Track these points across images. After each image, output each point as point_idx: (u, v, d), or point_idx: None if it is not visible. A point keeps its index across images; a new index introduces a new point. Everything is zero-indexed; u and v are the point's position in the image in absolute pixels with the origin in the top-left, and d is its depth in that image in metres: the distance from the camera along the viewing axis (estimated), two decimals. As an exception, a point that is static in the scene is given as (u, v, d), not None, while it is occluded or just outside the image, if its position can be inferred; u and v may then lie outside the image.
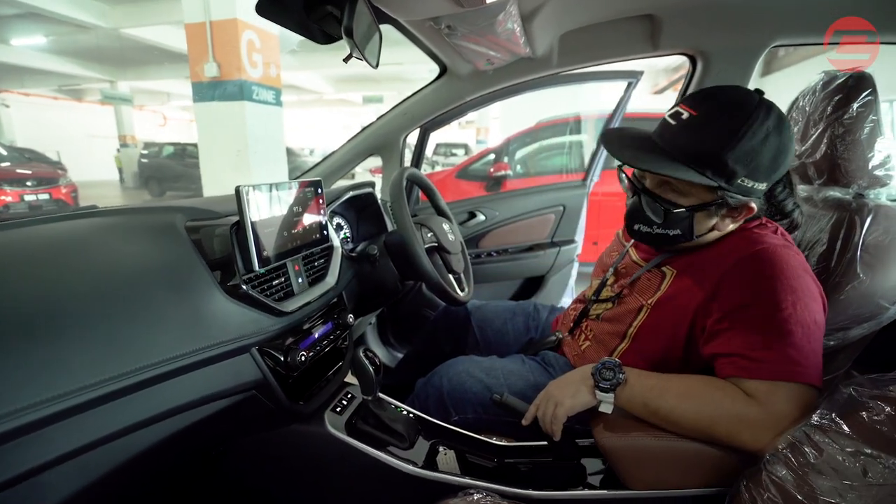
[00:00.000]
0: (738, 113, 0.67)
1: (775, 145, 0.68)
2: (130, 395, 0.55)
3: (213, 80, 3.74)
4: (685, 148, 0.70)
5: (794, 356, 0.65)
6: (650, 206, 0.77)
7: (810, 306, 0.67)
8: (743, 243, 0.75)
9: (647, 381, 0.73)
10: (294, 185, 0.89)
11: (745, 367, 0.67)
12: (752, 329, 0.68)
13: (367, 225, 1.51)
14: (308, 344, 0.89)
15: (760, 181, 0.70)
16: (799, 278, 0.69)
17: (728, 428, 0.66)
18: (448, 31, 0.94)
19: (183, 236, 0.74)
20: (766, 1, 1.13)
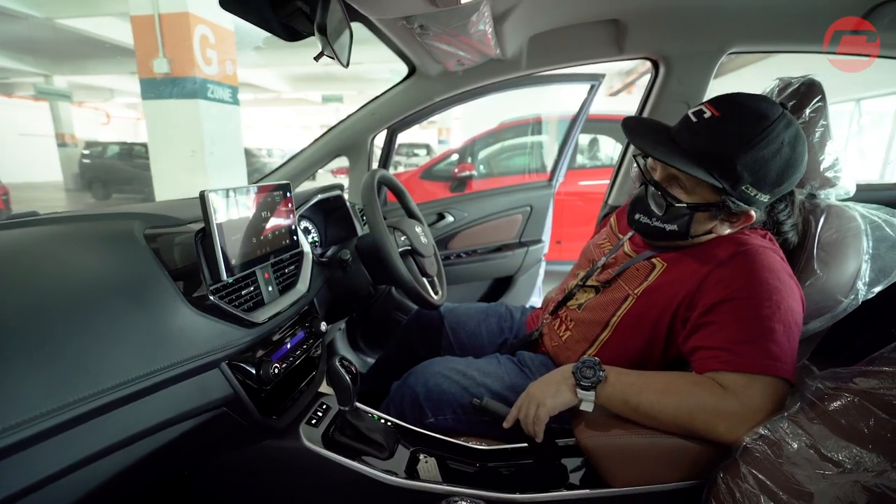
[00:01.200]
0: (759, 121, 0.69)
1: (785, 159, 0.70)
2: (88, 422, 0.50)
3: (163, 77, 3.53)
4: (699, 146, 0.72)
5: (775, 351, 0.67)
6: (654, 198, 0.79)
7: (792, 306, 0.70)
8: (731, 242, 0.78)
9: (626, 379, 0.74)
10: (261, 188, 0.85)
11: (727, 360, 0.69)
12: (734, 324, 0.70)
13: (336, 228, 1.47)
14: (281, 355, 0.85)
15: (764, 192, 0.72)
16: (782, 279, 0.72)
17: (706, 421, 0.68)
18: (420, 31, 0.92)
19: (142, 245, 0.68)
20: (723, 11, 1.18)
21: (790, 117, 0.72)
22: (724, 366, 0.69)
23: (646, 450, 0.76)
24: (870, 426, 0.57)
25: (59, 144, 12.13)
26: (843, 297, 0.86)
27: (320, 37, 0.72)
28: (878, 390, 0.58)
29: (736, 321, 0.70)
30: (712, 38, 1.26)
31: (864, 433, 0.57)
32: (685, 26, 1.23)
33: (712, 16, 1.20)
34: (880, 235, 0.89)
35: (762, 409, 0.66)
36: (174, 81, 3.51)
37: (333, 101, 16.32)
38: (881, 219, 0.90)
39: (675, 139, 0.75)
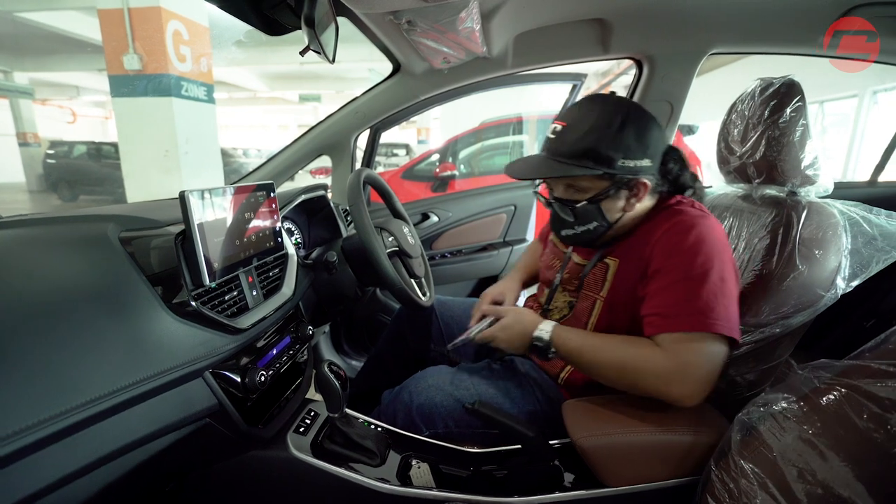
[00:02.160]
0: (595, 112, 0.79)
1: (634, 128, 0.78)
2: (60, 441, 0.47)
3: (134, 74, 3.39)
4: (566, 152, 0.80)
5: (701, 307, 0.71)
6: (562, 210, 0.86)
7: (720, 267, 0.74)
8: (665, 218, 0.82)
9: (571, 345, 0.82)
10: (243, 188, 0.82)
11: (659, 324, 0.75)
12: (666, 289, 0.76)
13: (320, 229, 1.44)
14: (267, 361, 0.82)
15: (640, 158, 0.79)
16: (711, 243, 0.76)
17: (636, 377, 0.75)
18: (408, 27, 0.90)
19: (117, 249, 0.64)
20: (704, 13, 1.20)
21: (618, 98, 0.82)
22: (658, 329, 0.75)
23: (640, 448, 0.76)
24: (862, 419, 0.58)
25: (21, 144, 11.55)
26: (823, 291, 0.88)
27: (307, 30, 0.69)
28: (868, 384, 0.59)
29: (668, 286, 0.76)
30: (695, 39, 1.28)
31: (857, 426, 0.58)
32: (669, 27, 1.25)
33: (695, 17, 1.21)
34: (858, 231, 0.92)
35: (694, 364, 0.71)
36: (146, 78, 3.38)
37: (311, 101, 16.09)
38: (859, 215, 0.93)
39: (549, 157, 0.83)
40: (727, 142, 1.09)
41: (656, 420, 0.79)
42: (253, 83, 14.67)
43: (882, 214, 0.92)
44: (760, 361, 0.91)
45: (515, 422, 0.80)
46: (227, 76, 13.15)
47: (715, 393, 0.92)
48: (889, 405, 0.57)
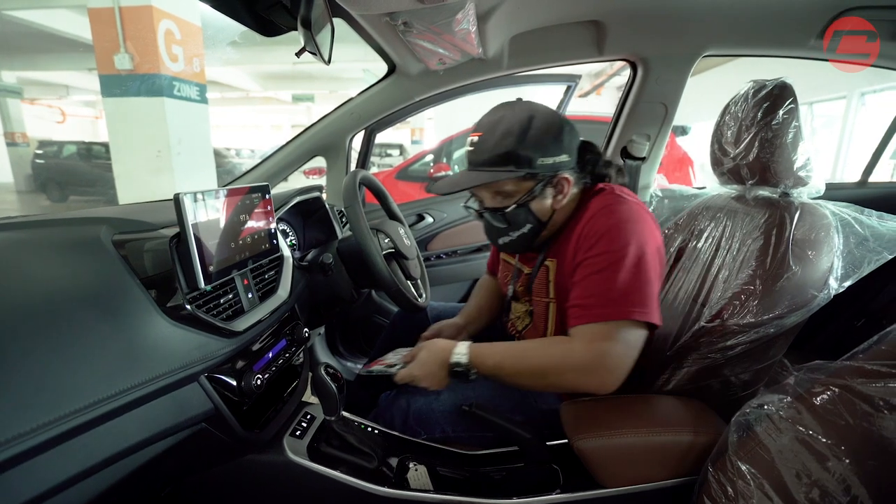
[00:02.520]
0: (507, 117, 0.81)
1: (546, 126, 0.80)
2: (52, 449, 0.46)
3: (125, 73, 3.35)
4: (486, 160, 0.81)
5: (616, 297, 0.73)
6: (494, 218, 0.87)
7: (637, 250, 0.75)
8: (587, 210, 0.84)
9: (491, 360, 0.81)
10: (238, 190, 0.81)
11: (578, 315, 0.76)
12: (584, 280, 0.77)
13: (315, 231, 1.43)
14: (262, 365, 0.81)
15: (557, 154, 0.80)
16: (627, 225, 0.77)
17: (558, 374, 0.75)
18: (404, 28, 0.90)
19: (110, 252, 0.63)
20: (698, 15, 1.21)
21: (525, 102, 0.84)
22: (577, 320, 0.76)
23: (637, 449, 0.76)
24: (856, 419, 0.59)
25: (9, 143, 11.37)
26: (816, 292, 0.89)
27: (303, 31, 0.68)
28: (862, 384, 0.60)
29: (586, 277, 0.77)
30: (688, 41, 1.29)
31: (851, 425, 0.59)
32: (663, 28, 1.26)
33: (689, 19, 1.22)
34: (850, 232, 0.93)
35: (610, 353, 0.72)
36: (137, 78, 3.33)
37: (304, 101, 16.00)
38: (850, 216, 0.94)
39: (472, 169, 0.85)
40: (720, 143, 1.10)
41: (653, 421, 0.79)
42: (246, 83, 14.57)
43: (873, 215, 0.93)
44: (755, 361, 0.92)
45: (513, 423, 0.81)
46: (219, 76, 13.05)
47: (709, 393, 0.93)
48: (882, 405, 0.58)
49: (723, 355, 0.89)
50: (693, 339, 0.94)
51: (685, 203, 1.32)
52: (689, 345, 0.94)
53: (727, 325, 0.90)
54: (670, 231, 1.25)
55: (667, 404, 0.85)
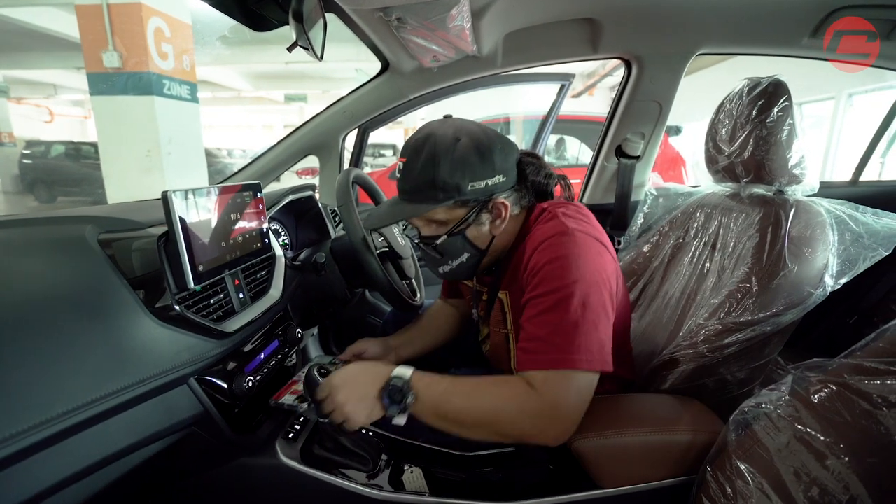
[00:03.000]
0: (430, 141, 0.73)
1: (474, 148, 0.73)
2: (36, 454, 0.44)
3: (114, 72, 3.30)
4: (411, 189, 0.76)
5: (561, 343, 0.66)
6: (430, 251, 0.81)
7: (583, 291, 0.68)
8: (530, 239, 0.76)
9: (437, 388, 0.71)
10: (228, 188, 0.79)
11: (524, 360, 0.69)
12: (531, 322, 0.70)
13: (307, 230, 1.41)
14: (254, 367, 0.80)
15: (489, 177, 0.74)
16: (571, 262, 0.69)
17: (512, 421, 0.67)
18: (398, 24, 0.89)
19: (96, 251, 0.62)
20: (693, 13, 1.21)
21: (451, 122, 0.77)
22: (523, 366, 0.69)
23: (635, 449, 0.76)
24: (854, 416, 0.58)
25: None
26: (812, 289, 0.89)
27: (295, 25, 0.67)
28: (860, 381, 0.59)
29: (533, 318, 0.70)
30: (683, 39, 1.29)
31: (850, 423, 0.58)
32: (657, 26, 1.25)
33: (683, 17, 1.22)
34: (845, 229, 0.93)
35: (563, 404, 0.66)
36: (126, 76, 3.28)
37: (297, 101, 15.92)
38: (845, 213, 0.94)
39: (403, 198, 0.79)
40: (715, 141, 1.10)
41: (651, 420, 0.79)
42: (237, 82, 14.46)
43: (868, 212, 0.93)
44: (751, 360, 0.92)
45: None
46: (210, 75, 12.93)
47: (705, 392, 0.93)
48: (881, 402, 0.58)
49: (720, 354, 0.89)
50: (689, 337, 0.94)
51: (680, 201, 1.32)
52: (685, 343, 0.94)
53: (724, 323, 0.90)
54: (664, 229, 1.25)
55: (664, 404, 0.85)
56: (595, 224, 0.79)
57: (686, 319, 1.03)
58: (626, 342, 0.94)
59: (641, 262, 1.27)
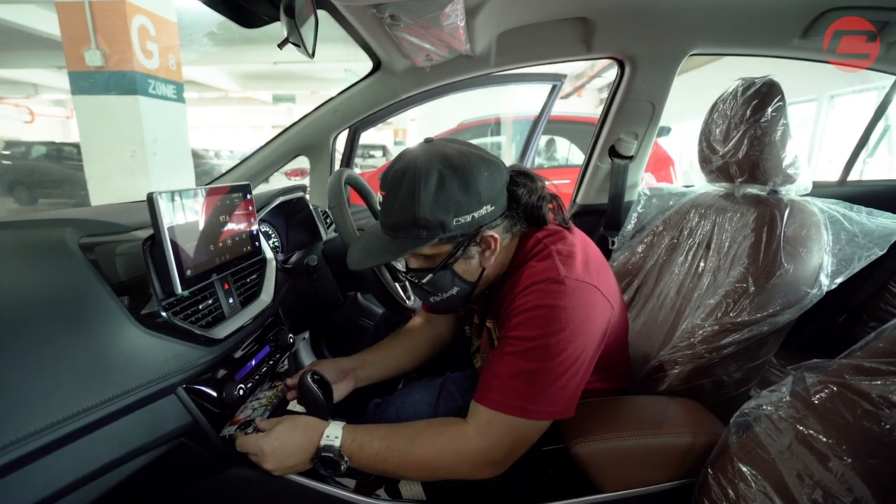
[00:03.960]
0: (409, 175, 0.67)
1: (457, 181, 0.67)
2: (14, 472, 0.42)
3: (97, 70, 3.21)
4: (393, 225, 0.71)
5: (518, 388, 0.65)
6: (417, 285, 0.77)
7: (567, 343, 0.65)
8: (524, 279, 0.72)
9: (370, 449, 0.70)
10: (217, 189, 0.77)
11: (481, 394, 0.69)
12: (499, 359, 0.69)
13: (298, 233, 1.39)
14: (245, 373, 0.78)
15: (476, 209, 0.68)
16: (562, 318, 0.66)
17: (449, 467, 0.68)
18: (391, 22, 0.87)
19: (77, 256, 0.59)
20: (685, 12, 1.21)
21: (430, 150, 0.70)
22: (479, 399, 0.69)
23: (635, 452, 0.75)
24: (856, 416, 0.58)
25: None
26: (809, 288, 0.89)
27: (286, 20, 0.65)
28: (860, 381, 0.59)
29: (500, 357, 0.69)
30: (675, 39, 1.29)
31: (851, 424, 0.58)
32: (650, 26, 1.25)
33: (676, 17, 1.22)
34: (840, 229, 0.93)
35: (501, 447, 0.66)
36: (110, 76, 3.20)
37: (285, 101, 15.79)
38: (839, 213, 0.95)
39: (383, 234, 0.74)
40: (709, 141, 1.09)
41: (650, 424, 0.78)
42: (224, 83, 14.28)
43: (863, 212, 0.93)
44: (748, 360, 0.92)
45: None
46: (197, 75, 12.75)
47: (702, 393, 0.92)
48: (882, 402, 0.57)
49: (717, 354, 0.89)
50: (686, 338, 0.93)
51: (673, 201, 1.32)
52: (682, 344, 0.93)
53: (721, 323, 0.89)
54: (658, 229, 1.25)
55: (663, 406, 0.84)
56: (592, 258, 0.75)
57: (682, 320, 1.02)
58: (625, 351, 0.93)
59: (635, 263, 1.27)
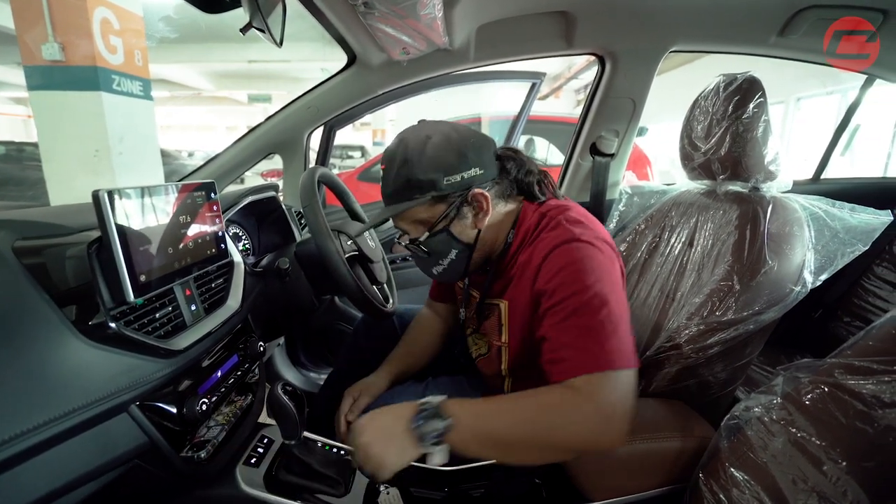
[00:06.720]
0: (403, 144, 0.75)
1: (445, 144, 0.73)
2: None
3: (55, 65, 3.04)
4: (391, 192, 0.77)
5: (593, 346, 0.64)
6: (417, 250, 0.81)
7: (602, 291, 0.66)
8: (540, 242, 0.74)
9: (475, 410, 0.66)
10: (177, 188, 0.71)
11: (559, 369, 0.65)
12: (555, 328, 0.67)
13: (271, 234, 1.32)
14: (209, 386, 0.72)
15: (465, 170, 0.74)
16: (589, 263, 0.68)
17: (566, 432, 0.62)
18: (364, 10, 0.82)
19: (9, 261, 0.52)
20: (665, 10, 1.20)
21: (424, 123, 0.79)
22: (561, 375, 0.65)
23: (623, 458, 0.72)
24: (848, 417, 0.56)
25: (-76, 145, 10.30)
26: (793, 286, 0.88)
27: (248, 4, 0.60)
28: (852, 381, 0.57)
29: (554, 326, 0.67)
30: (656, 35, 1.28)
31: (844, 425, 0.56)
32: (631, 22, 1.24)
33: (656, 13, 1.21)
34: (823, 225, 0.93)
35: (615, 404, 0.62)
36: (69, 71, 3.02)
37: (261, 101, 15.49)
38: (821, 209, 0.95)
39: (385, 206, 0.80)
40: (690, 138, 1.08)
41: (638, 428, 0.75)
42: (198, 81, 13.90)
43: (845, 208, 0.93)
44: (733, 360, 0.90)
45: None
46: (168, 73, 12.37)
47: (687, 394, 0.91)
48: (874, 402, 0.56)
49: (703, 354, 0.87)
50: (672, 338, 0.91)
51: (654, 199, 1.31)
52: (667, 345, 0.91)
53: (707, 322, 0.88)
54: (640, 228, 1.24)
55: (650, 409, 0.82)
56: (597, 225, 0.78)
57: (666, 320, 1.00)
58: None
59: (619, 262, 1.25)
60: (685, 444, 0.72)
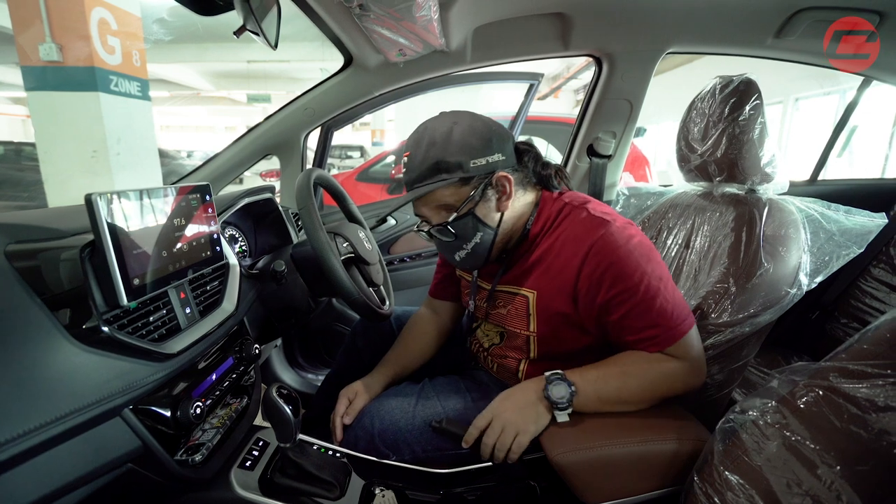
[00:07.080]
0: (429, 130, 0.79)
1: (470, 130, 0.78)
2: None
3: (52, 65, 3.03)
4: (417, 177, 0.80)
5: (677, 317, 0.76)
6: (442, 234, 0.83)
7: (651, 270, 0.75)
8: (569, 239, 0.79)
9: (590, 376, 0.77)
10: (172, 190, 0.71)
11: (651, 345, 0.77)
12: (629, 316, 0.76)
13: (267, 236, 1.32)
14: (204, 389, 0.72)
15: (489, 154, 0.78)
16: (633, 249, 0.75)
17: (667, 386, 0.77)
18: (360, 12, 0.82)
19: (1, 265, 0.52)
20: (662, 11, 1.20)
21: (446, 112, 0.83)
22: (654, 348, 0.77)
23: (618, 461, 0.72)
24: (843, 421, 0.56)
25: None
26: (788, 288, 0.88)
27: (241, 5, 0.59)
28: (847, 385, 0.57)
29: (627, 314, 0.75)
30: (653, 37, 1.28)
31: (839, 428, 0.56)
32: (628, 23, 1.24)
33: (653, 15, 1.21)
34: (818, 228, 0.93)
35: (699, 356, 0.78)
36: (67, 71, 3.02)
37: (260, 101, 15.50)
38: (817, 211, 0.95)
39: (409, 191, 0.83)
40: (687, 140, 1.08)
41: (634, 431, 0.75)
42: (197, 81, 13.92)
43: (840, 210, 0.93)
44: (729, 362, 0.90)
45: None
46: (167, 73, 12.38)
47: (685, 396, 0.90)
48: (868, 406, 0.56)
49: (699, 356, 0.87)
50: (668, 340, 0.91)
51: (651, 201, 1.31)
52: (664, 347, 0.91)
53: (703, 325, 0.88)
54: (638, 229, 1.24)
55: (646, 410, 0.82)
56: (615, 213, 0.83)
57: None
58: None
59: (616, 263, 1.25)
60: (681, 447, 0.72)
